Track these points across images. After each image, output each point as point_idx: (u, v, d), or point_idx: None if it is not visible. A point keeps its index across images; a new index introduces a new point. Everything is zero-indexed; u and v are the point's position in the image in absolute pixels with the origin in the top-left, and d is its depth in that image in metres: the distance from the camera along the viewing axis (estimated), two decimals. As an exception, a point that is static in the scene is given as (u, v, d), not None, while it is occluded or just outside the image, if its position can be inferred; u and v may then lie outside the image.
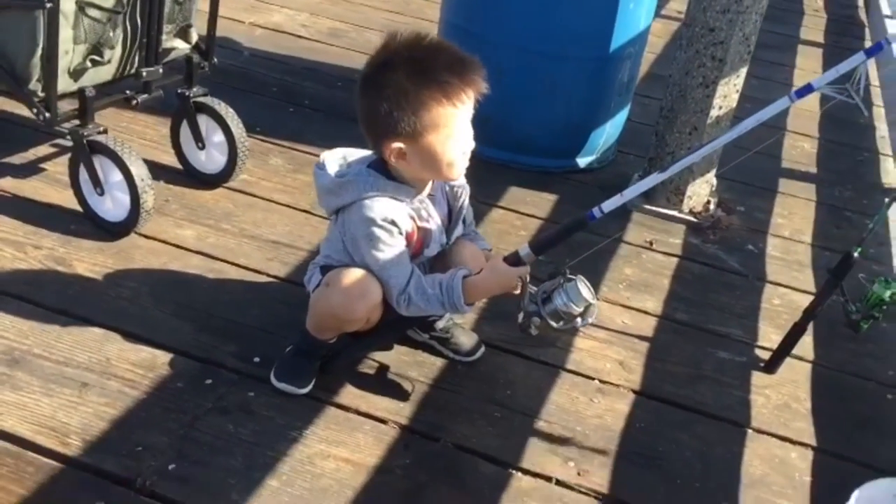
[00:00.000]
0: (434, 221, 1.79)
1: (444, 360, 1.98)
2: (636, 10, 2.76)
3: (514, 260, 1.70)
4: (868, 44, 5.02)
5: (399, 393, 1.87)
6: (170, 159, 2.56)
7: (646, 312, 2.29)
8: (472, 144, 1.72)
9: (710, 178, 2.82)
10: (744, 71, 2.63)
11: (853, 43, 5.12)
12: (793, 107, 3.77)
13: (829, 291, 2.03)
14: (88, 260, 2.13)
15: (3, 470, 1.54)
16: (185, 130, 2.49)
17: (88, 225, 2.23)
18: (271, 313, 2.04)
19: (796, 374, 2.13)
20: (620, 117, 3.06)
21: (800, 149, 3.52)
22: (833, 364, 2.20)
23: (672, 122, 2.69)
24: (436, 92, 1.61)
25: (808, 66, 4.55)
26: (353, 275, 1.72)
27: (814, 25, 5.33)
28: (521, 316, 1.71)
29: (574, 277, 1.68)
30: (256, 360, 1.89)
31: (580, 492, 1.71)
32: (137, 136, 2.70)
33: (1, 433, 1.62)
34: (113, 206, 2.21)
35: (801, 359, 2.18)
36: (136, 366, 1.82)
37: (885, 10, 5.18)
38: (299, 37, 3.81)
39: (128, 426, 1.68)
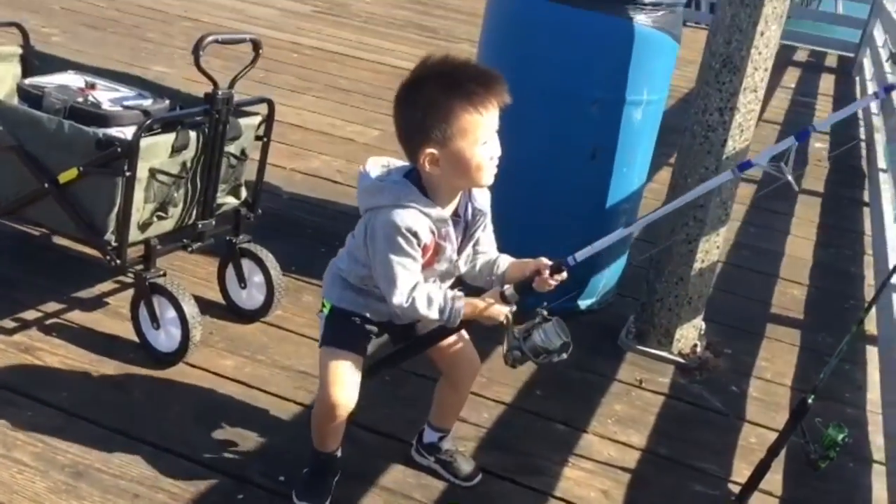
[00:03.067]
0: (450, 239, 1.93)
1: (445, 483, 2.25)
2: (629, 174, 3.13)
3: (503, 298, 1.96)
4: (867, 196, 5.32)
5: (404, 512, 2.15)
6: (214, 295, 2.92)
7: (631, 446, 2.55)
8: (498, 151, 1.86)
9: (698, 322, 3.12)
10: (723, 230, 2.96)
11: (855, 193, 5.42)
12: (787, 256, 4.14)
13: (789, 433, 2.29)
14: (142, 386, 2.46)
15: (66, 567, 1.84)
16: (229, 271, 2.85)
17: (143, 354, 2.57)
18: (296, 436, 2.33)
19: (763, 508, 2.37)
20: (619, 264, 3.39)
21: (789, 295, 3.80)
22: (798, 500, 2.43)
23: (660, 272, 3.01)
24: (463, 101, 1.78)
25: (806, 215, 4.82)
26: (324, 380, 2.02)
27: (816, 176, 5.65)
28: (504, 349, 1.96)
29: (550, 318, 1.94)
30: (281, 478, 2.18)
31: None
32: (188, 273, 3.07)
33: (65, 535, 1.92)
34: (166, 338, 2.55)
35: (769, 493, 2.42)
36: (179, 480, 2.12)
37: (882, 163, 5.51)
38: (335, 182, 4.23)
39: (171, 533, 1.97)
